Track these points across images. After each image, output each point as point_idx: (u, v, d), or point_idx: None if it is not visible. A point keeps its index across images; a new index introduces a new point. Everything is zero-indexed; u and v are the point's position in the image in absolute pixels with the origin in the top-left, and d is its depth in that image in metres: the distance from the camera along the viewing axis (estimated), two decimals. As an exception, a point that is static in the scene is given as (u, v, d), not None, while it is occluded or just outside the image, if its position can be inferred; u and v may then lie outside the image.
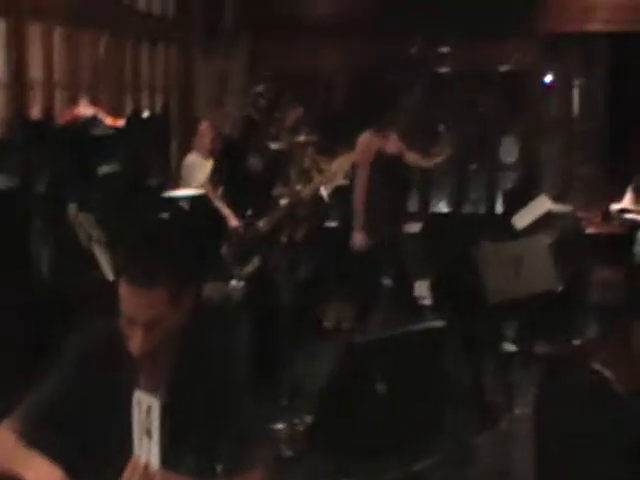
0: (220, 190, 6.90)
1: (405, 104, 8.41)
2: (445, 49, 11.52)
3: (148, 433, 2.40)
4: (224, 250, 6.60)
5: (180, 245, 2.75)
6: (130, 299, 2.56)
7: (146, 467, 2.42)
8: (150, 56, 10.50)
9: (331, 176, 7.35)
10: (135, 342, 2.57)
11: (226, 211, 6.75)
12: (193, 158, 9.21)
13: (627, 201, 9.19)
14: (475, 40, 11.09)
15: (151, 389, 2.47)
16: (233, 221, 6.67)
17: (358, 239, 7.73)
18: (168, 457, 2.47)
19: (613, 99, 11.61)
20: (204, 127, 9.30)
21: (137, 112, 9.76)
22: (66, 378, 2.70)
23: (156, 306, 2.54)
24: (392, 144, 7.92)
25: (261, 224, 6.62)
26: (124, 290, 2.56)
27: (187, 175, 9.09)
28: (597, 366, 3.82)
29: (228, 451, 2.72)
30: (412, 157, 8.18)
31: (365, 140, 7.94)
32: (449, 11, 11.01)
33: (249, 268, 6.43)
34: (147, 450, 2.42)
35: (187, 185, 8.62)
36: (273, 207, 6.70)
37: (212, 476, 2.67)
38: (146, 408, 2.40)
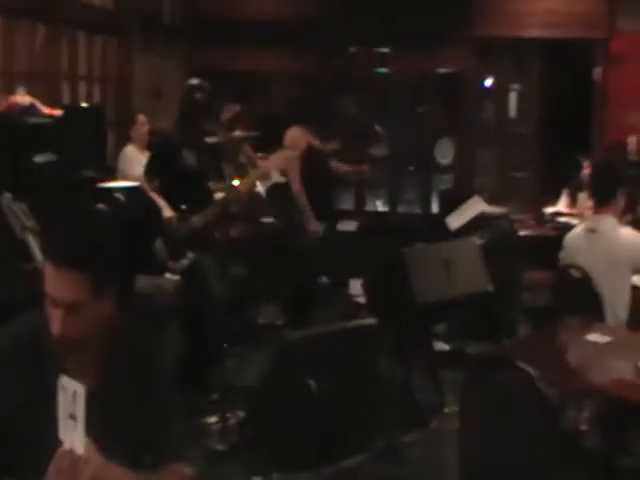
0: (156, 183, 6.87)
1: (343, 108, 8.49)
2: (383, 51, 11.57)
3: (72, 417, 2.41)
4: (158, 244, 6.56)
5: (106, 234, 2.78)
6: (52, 279, 2.59)
7: (71, 452, 2.43)
8: (88, 47, 10.41)
9: (266, 171, 7.35)
10: (56, 324, 2.60)
11: (161, 202, 6.72)
12: (130, 150, 9.18)
13: (562, 204, 9.33)
14: (413, 43, 11.17)
15: (79, 378, 2.49)
16: (167, 212, 6.64)
17: (313, 228, 7.80)
18: (96, 445, 2.49)
19: (547, 103, 11.77)
20: (141, 119, 9.28)
21: (74, 102, 9.68)
22: None
23: (77, 290, 2.58)
24: (320, 145, 8.02)
25: (195, 218, 6.57)
26: (48, 270, 2.59)
27: (124, 167, 9.06)
28: (522, 365, 3.89)
29: (155, 443, 2.75)
30: (339, 167, 8.32)
31: (294, 133, 8.00)
32: (388, 15, 11.09)
33: (182, 263, 6.40)
34: (72, 435, 2.43)
35: (124, 177, 8.58)
36: (208, 202, 6.65)
37: (139, 466, 2.69)
38: (72, 393, 2.42)
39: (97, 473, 2.45)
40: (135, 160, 8.86)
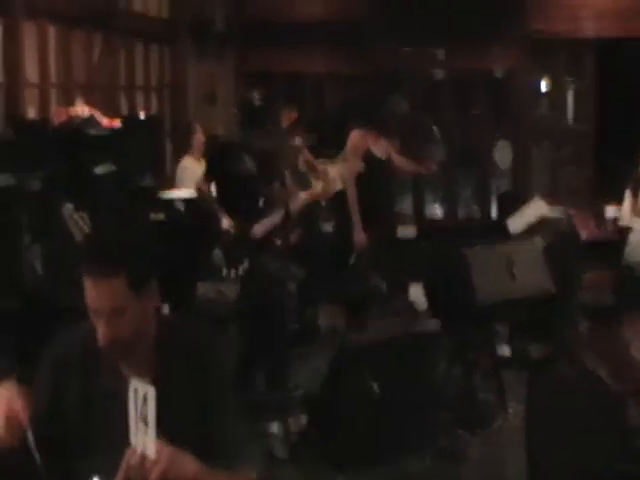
0: (214, 191, 6.90)
1: (397, 108, 8.43)
2: (436, 54, 11.52)
3: (144, 421, 2.44)
4: (216, 252, 6.60)
5: (136, 236, 2.82)
6: (91, 291, 2.62)
7: (143, 456, 2.45)
8: (144, 57, 10.51)
9: (331, 183, 7.36)
10: (100, 332, 2.63)
11: (219, 212, 6.74)
12: (187, 161, 9.24)
13: (626, 204, 9.18)
14: (466, 45, 11.11)
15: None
16: (226, 221, 6.66)
17: (358, 238, 7.75)
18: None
19: (604, 100, 11.64)
20: (198, 129, 9.33)
21: (132, 113, 9.77)
22: (46, 394, 2.77)
23: (115, 295, 2.60)
24: (380, 147, 7.95)
25: (256, 229, 6.58)
26: (86, 282, 2.62)
27: (182, 177, 9.12)
28: (590, 365, 3.85)
29: (216, 444, 2.75)
30: (401, 162, 8.18)
31: (355, 137, 7.96)
32: (440, 16, 11.05)
33: (240, 271, 6.41)
34: (143, 438, 2.45)
35: (183, 187, 8.65)
36: (268, 210, 6.66)
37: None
38: (142, 396, 2.44)
39: (168, 467, 2.47)
40: (192, 171, 8.93)
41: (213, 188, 6.98)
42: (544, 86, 12.01)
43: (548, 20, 11.18)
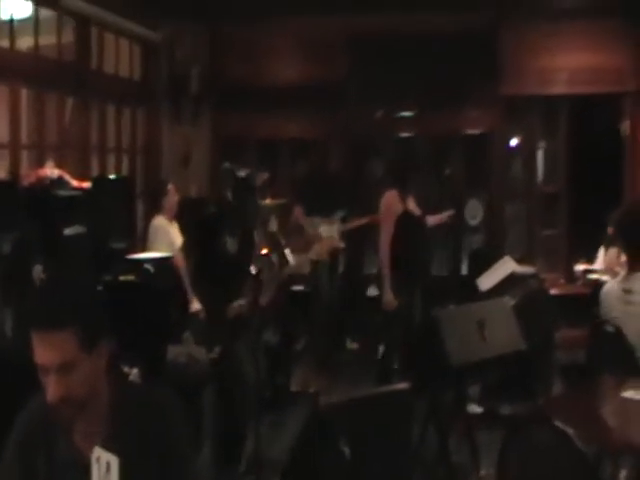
0: (191, 264, 6.88)
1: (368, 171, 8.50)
2: (408, 114, 11.58)
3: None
4: (186, 335, 6.56)
5: (85, 290, 2.78)
6: (39, 346, 2.58)
7: None
8: (117, 118, 10.52)
9: (325, 243, 7.36)
10: (49, 389, 2.58)
11: (190, 293, 6.70)
12: (159, 220, 9.22)
13: (600, 260, 9.23)
14: (438, 104, 11.20)
15: (87, 443, 2.48)
16: (195, 305, 6.61)
17: (389, 300, 7.74)
18: None
19: (575, 159, 11.73)
20: (171, 190, 9.31)
21: (103, 174, 9.76)
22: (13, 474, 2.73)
23: (64, 351, 2.56)
24: (413, 204, 8.00)
25: (229, 311, 6.55)
26: (34, 338, 2.58)
27: (154, 237, 9.09)
28: (559, 424, 3.84)
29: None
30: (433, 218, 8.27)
31: (390, 199, 7.99)
32: (413, 80, 11.14)
33: (214, 353, 6.36)
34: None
35: (154, 247, 8.63)
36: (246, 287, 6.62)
37: None
38: (105, 465, 2.41)
39: None
40: (163, 231, 8.91)
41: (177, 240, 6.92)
42: (516, 146, 12.09)
43: (520, 82, 11.30)
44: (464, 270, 11.31)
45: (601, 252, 9.27)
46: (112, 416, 2.72)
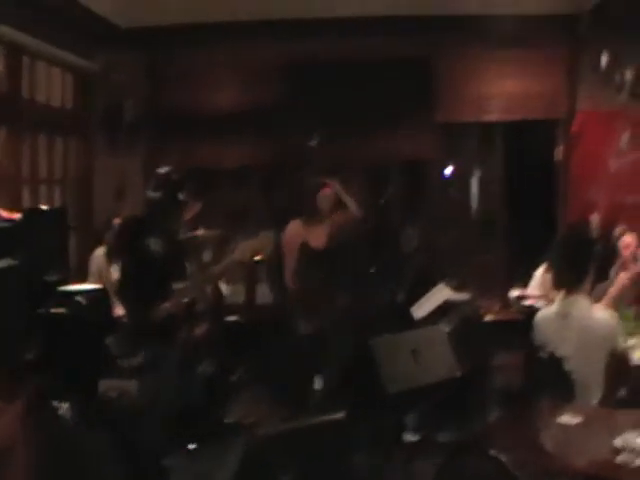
0: (115, 276, 6.72)
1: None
2: (347, 142, 11.58)
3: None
4: (110, 341, 6.38)
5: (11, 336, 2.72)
6: None
7: None
8: (49, 149, 10.40)
9: (228, 265, 7.23)
10: None
11: (116, 297, 6.54)
12: (100, 251, 9.13)
13: (534, 284, 9.27)
14: (372, 131, 11.24)
15: None
16: (119, 310, 6.46)
17: (302, 325, 7.73)
18: None
19: (510, 185, 11.83)
20: (116, 222, 9.21)
21: (35, 205, 9.63)
22: None
23: None
24: (317, 235, 7.97)
25: (153, 314, 6.36)
26: None
27: (93, 269, 9.00)
28: (494, 452, 3.84)
29: None
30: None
31: (292, 230, 7.95)
32: (350, 105, 11.17)
33: (135, 361, 6.19)
34: None
35: (94, 279, 8.54)
36: (168, 295, 6.48)
37: None
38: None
39: None
40: (102, 262, 8.83)
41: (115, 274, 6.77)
42: (452, 173, 12.16)
43: (456, 109, 11.39)
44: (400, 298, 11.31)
45: (536, 276, 9.34)
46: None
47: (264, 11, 10.71)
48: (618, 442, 4.32)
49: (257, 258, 9.06)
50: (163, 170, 6.94)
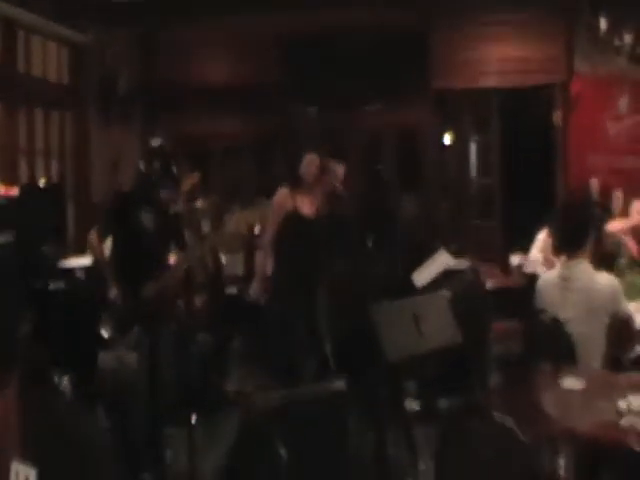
0: (108, 251, 6.61)
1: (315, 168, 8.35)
2: (342, 113, 11.52)
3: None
4: (105, 318, 6.30)
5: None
6: None
7: None
8: (45, 122, 10.36)
9: (226, 235, 7.17)
10: None
11: (109, 276, 6.43)
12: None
13: (536, 248, 9.21)
14: (371, 103, 11.20)
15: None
16: (114, 289, 6.33)
17: (255, 290, 7.67)
18: None
19: (508, 151, 11.79)
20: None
21: (31, 180, 9.61)
22: None
23: None
24: (306, 204, 7.91)
25: (146, 290, 6.27)
26: None
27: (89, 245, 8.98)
28: (498, 415, 3.82)
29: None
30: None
31: (282, 195, 7.87)
32: (344, 76, 11.12)
33: (130, 339, 6.10)
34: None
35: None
36: (164, 269, 6.39)
37: None
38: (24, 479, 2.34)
39: None
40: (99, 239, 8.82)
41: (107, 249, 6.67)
42: (449, 140, 12.11)
43: (451, 76, 11.32)
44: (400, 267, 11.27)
45: (538, 240, 9.26)
46: (25, 431, 2.62)
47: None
48: (622, 405, 4.29)
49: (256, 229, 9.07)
50: (156, 142, 6.84)
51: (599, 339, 5.58)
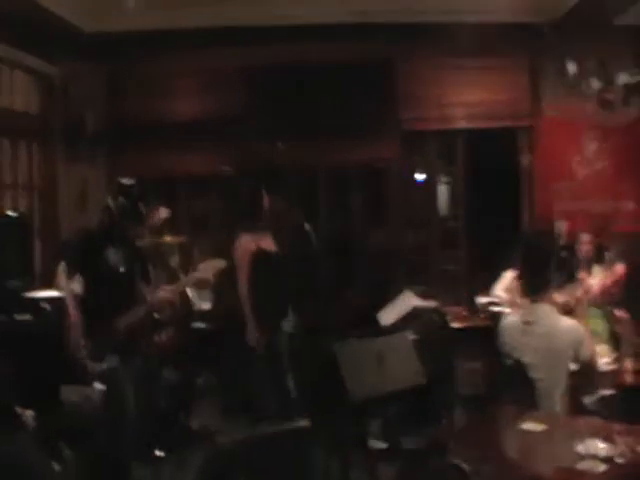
0: (75, 286, 6.62)
1: (274, 206, 8.40)
2: (311, 148, 11.55)
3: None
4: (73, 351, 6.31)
5: None
6: None
7: None
8: (12, 153, 10.33)
9: (197, 277, 7.19)
10: None
11: (71, 308, 6.46)
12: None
13: (499, 286, 9.26)
14: (339, 136, 11.22)
15: None
16: (73, 316, 6.36)
17: (252, 339, 7.70)
18: None
19: (475, 191, 11.86)
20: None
21: (-1, 211, 9.57)
22: None
23: None
24: (268, 243, 7.97)
25: (120, 323, 6.33)
26: None
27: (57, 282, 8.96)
28: (456, 460, 3.85)
29: None
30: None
31: (244, 241, 7.94)
32: (313, 111, 11.18)
33: (100, 367, 6.12)
34: None
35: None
36: (132, 305, 6.44)
37: None
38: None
39: None
40: (66, 276, 8.81)
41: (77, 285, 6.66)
42: (418, 176, 12.17)
43: (421, 114, 11.40)
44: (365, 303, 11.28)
45: (504, 277, 9.33)
46: None
47: (224, 18, 10.66)
48: (580, 449, 4.34)
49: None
50: (125, 180, 6.89)
51: (561, 383, 5.62)
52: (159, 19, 10.63)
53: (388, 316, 8.01)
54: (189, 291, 8.34)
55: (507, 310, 7.92)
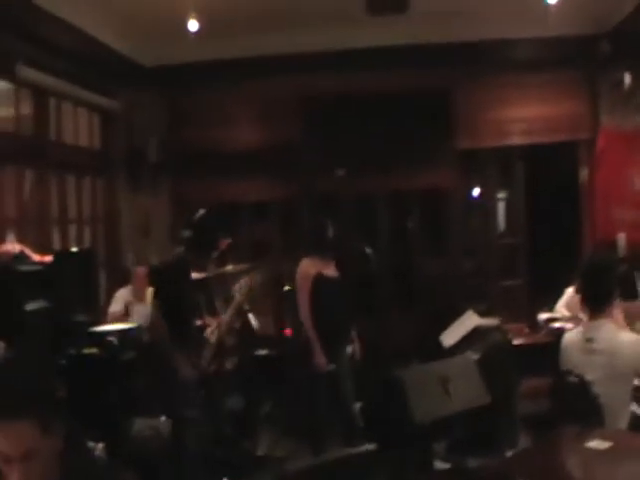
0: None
1: (335, 233, 8.50)
2: (369, 176, 11.59)
3: None
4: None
5: (45, 378, 2.76)
6: (0, 435, 2.54)
7: None
8: (77, 189, 10.51)
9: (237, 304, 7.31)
10: (13, 478, 2.55)
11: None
12: (124, 293, 9.23)
13: (562, 303, 9.23)
14: (395, 162, 11.26)
15: None
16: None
17: (320, 362, 7.79)
18: None
19: (534, 207, 11.81)
20: (140, 272, 9.33)
21: (64, 247, 9.74)
22: None
23: (27, 438, 2.55)
24: (329, 268, 8.08)
25: (204, 363, 6.51)
26: None
27: (118, 305, 9.11)
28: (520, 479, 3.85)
29: None
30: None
31: (305, 265, 8.06)
32: (369, 136, 11.22)
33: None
34: None
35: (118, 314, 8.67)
36: (194, 339, 6.58)
37: None
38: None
39: None
40: (121, 297, 8.98)
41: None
42: (477, 198, 12.16)
43: (476, 135, 11.40)
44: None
45: (566, 293, 9.29)
46: None
47: (283, 46, 10.78)
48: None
49: (285, 288, 9.16)
50: (199, 213, 7.07)
51: (625, 400, 5.58)
52: (217, 49, 10.79)
53: (451, 336, 8.02)
54: (251, 318, 8.42)
55: (568, 326, 7.89)
